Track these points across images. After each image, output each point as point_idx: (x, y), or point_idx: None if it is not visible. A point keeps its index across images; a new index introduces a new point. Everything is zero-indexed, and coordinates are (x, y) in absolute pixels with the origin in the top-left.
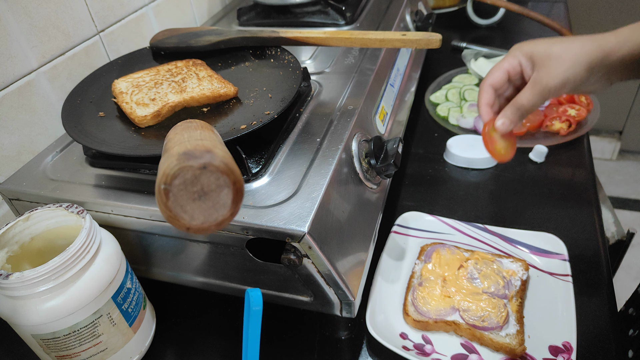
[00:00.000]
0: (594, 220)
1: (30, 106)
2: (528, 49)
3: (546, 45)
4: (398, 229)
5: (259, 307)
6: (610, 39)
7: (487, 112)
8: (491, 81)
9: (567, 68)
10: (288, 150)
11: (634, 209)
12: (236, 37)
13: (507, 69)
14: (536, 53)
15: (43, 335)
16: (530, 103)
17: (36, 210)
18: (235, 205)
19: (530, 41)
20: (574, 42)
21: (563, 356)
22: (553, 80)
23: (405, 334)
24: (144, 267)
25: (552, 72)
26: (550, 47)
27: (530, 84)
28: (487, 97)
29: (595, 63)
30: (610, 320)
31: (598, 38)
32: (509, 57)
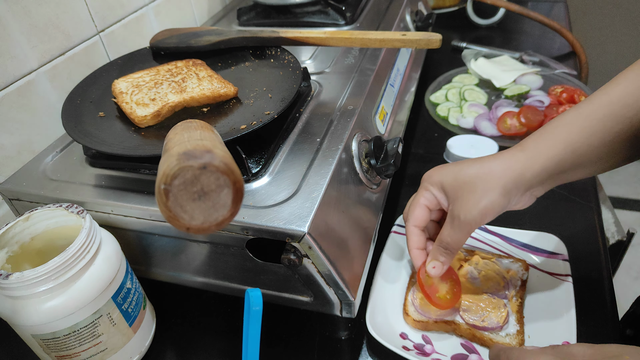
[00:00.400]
0: (594, 220)
1: (30, 106)
2: (437, 180)
3: (453, 173)
4: (398, 229)
5: (259, 307)
6: (518, 157)
7: (419, 256)
8: (413, 222)
9: (480, 197)
10: (288, 150)
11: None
12: (236, 37)
13: (425, 205)
14: (446, 184)
15: (43, 335)
16: (455, 240)
17: (36, 210)
18: (235, 205)
19: (437, 169)
20: (481, 167)
21: None
22: (470, 213)
23: (405, 334)
24: (144, 267)
25: (467, 204)
26: (457, 174)
27: (449, 220)
28: (415, 241)
29: (510, 186)
30: (610, 320)
31: (506, 159)
32: (421, 190)
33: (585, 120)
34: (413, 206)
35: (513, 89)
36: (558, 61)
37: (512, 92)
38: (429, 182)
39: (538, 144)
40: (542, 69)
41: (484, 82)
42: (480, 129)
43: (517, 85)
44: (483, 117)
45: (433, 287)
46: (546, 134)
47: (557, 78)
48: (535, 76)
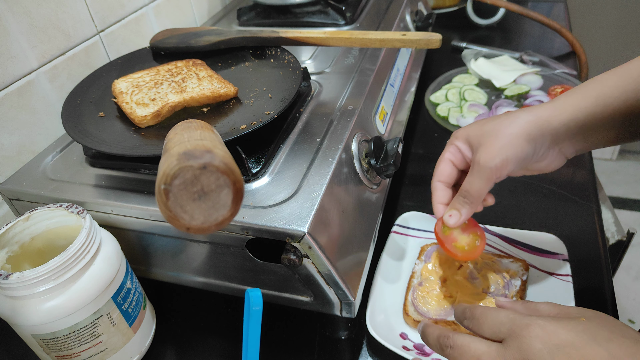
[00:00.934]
0: (594, 220)
1: (30, 106)
2: (463, 133)
3: (479, 125)
4: (398, 229)
5: (259, 307)
6: (546, 106)
7: (441, 210)
8: (438, 177)
9: (505, 144)
10: (288, 150)
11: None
12: (236, 37)
13: (449, 159)
14: (471, 135)
15: (43, 335)
16: (475, 188)
17: (36, 210)
18: (235, 205)
19: (465, 126)
20: (507, 117)
21: None
22: (492, 159)
23: (405, 334)
24: (144, 267)
25: (490, 150)
26: (483, 125)
27: (472, 168)
28: (439, 195)
29: (535, 133)
30: None
31: (533, 108)
32: (448, 146)
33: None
34: (438, 161)
35: (513, 89)
36: (558, 61)
37: (512, 92)
38: (455, 136)
39: (568, 97)
40: (542, 69)
41: (484, 82)
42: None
43: (517, 85)
44: (483, 117)
45: (450, 237)
46: (578, 89)
47: (557, 78)
48: (535, 76)
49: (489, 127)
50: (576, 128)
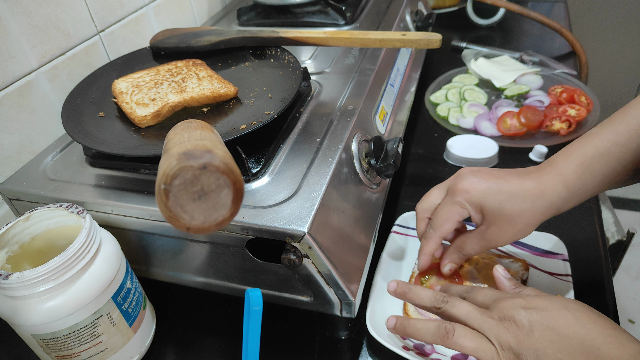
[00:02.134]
0: (594, 220)
1: (30, 106)
2: (478, 201)
3: (496, 202)
4: (398, 229)
5: (259, 307)
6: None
7: (428, 260)
8: (442, 234)
9: (518, 230)
10: (288, 150)
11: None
12: (236, 37)
13: (457, 220)
14: (487, 210)
15: (43, 335)
16: (475, 253)
17: (36, 210)
18: (235, 205)
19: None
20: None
21: None
22: (502, 240)
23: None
24: (144, 267)
25: (503, 233)
26: (502, 207)
27: (479, 238)
28: (434, 248)
29: (545, 219)
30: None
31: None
32: (457, 207)
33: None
34: (445, 220)
35: (513, 89)
36: (558, 61)
37: (512, 92)
38: (467, 200)
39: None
40: (542, 69)
41: (484, 82)
42: (480, 129)
43: (517, 85)
44: (483, 117)
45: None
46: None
47: (557, 78)
48: (535, 76)
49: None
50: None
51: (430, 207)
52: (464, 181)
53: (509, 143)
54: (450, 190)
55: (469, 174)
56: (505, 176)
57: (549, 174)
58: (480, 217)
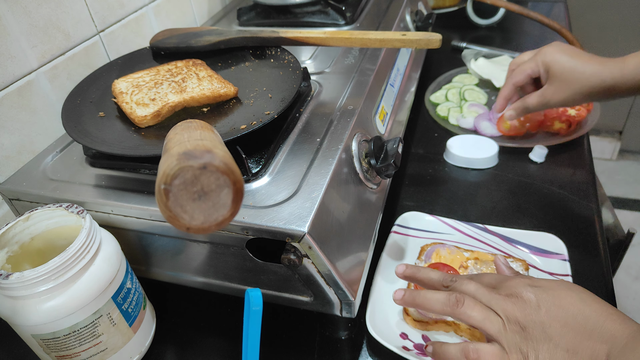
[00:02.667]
0: (594, 220)
1: (30, 106)
2: (548, 61)
3: (562, 64)
4: (398, 229)
5: (259, 307)
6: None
7: (503, 104)
8: (515, 81)
9: (569, 95)
10: (288, 150)
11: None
12: (236, 37)
13: (529, 74)
14: (553, 68)
15: (43, 335)
16: (534, 107)
17: (36, 210)
18: (235, 205)
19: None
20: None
21: None
22: (555, 99)
23: (405, 334)
24: (144, 267)
25: (558, 92)
26: (564, 72)
27: (539, 93)
28: (508, 92)
29: (594, 94)
30: None
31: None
32: (532, 63)
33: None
34: (520, 71)
35: None
36: None
37: None
38: (542, 60)
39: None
40: None
41: (484, 82)
42: (480, 129)
43: None
44: (483, 117)
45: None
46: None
47: None
48: None
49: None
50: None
51: (520, 61)
52: (549, 47)
53: (509, 143)
54: (537, 51)
55: (557, 43)
56: (579, 54)
57: (615, 60)
58: (546, 75)
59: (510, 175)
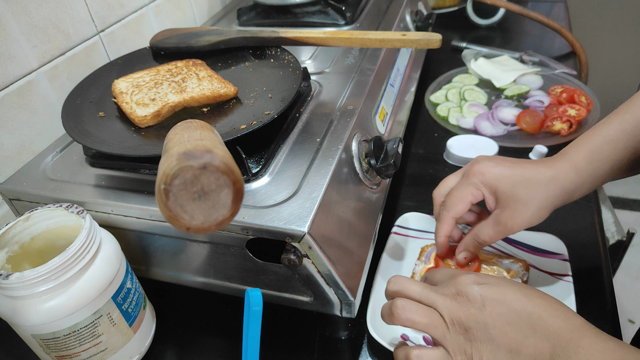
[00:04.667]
0: (594, 220)
1: (30, 106)
2: (492, 183)
3: (510, 185)
4: (398, 229)
5: (259, 307)
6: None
7: (446, 243)
8: (454, 214)
9: (532, 214)
10: (288, 150)
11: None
12: (236, 37)
13: (470, 201)
14: (500, 192)
15: (43, 335)
16: (492, 240)
17: (36, 210)
18: (235, 205)
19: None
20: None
21: None
22: (517, 224)
23: (406, 335)
24: (144, 267)
25: (517, 216)
26: (515, 189)
27: (493, 223)
28: (448, 230)
29: (557, 203)
30: (610, 319)
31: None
32: (471, 187)
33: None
34: (458, 199)
35: (513, 89)
36: (558, 61)
37: (512, 92)
38: (482, 181)
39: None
40: (542, 69)
41: (484, 82)
42: (480, 129)
43: (517, 85)
44: (483, 117)
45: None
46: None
47: (557, 78)
48: (535, 76)
49: (521, 194)
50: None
51: (445, 191)
52: (479, 165)
53: (509, 143)
54: (465, 173)
55: (484, 159)
56: (519, 162)
57: (561, 161)
58: (494, 200)
59: None
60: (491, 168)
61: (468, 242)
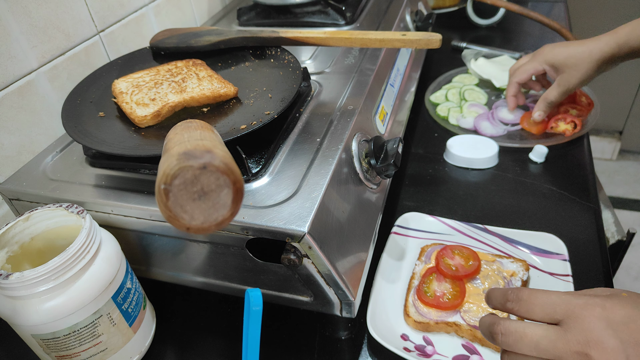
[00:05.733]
0: (594, 220)
1: (30, 106)
2: (550, 59)
3: (564, 55)
4: (398, 229)
5: (259, 307)
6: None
7: (513, 101)
8: (518, 80)
9: (583, 73)
10: (288, 150)
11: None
12: (236, 37)
13: (532, 72)
14: (557, 63)
15: (43, 335)
16: (557, 99)
17: (36, 210)
18: (235, 205)
19: (549, 49)
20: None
21: None
22: (573, 82)
23: (406, 335)
24: (144, 267)
25: (572, 77)
26: (568, 59)
27: (556, 85)
28: (514, 90)
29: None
30: None
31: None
32: (534, 63)
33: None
34: (522, 71)
35: None
36: None
37: None
38: (543, 58)
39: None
40: None
41: (484, 82)
42: (480, 129)
43: None
44: (483, 117)
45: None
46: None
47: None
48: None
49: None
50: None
51: (517, 66)
52: (542, 49)
53: (509, 143)
54: (532, 55)
55: (547, 45)
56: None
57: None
58: (553, 70)
59: (510, 175)
60: (550, 49)
61: (540, 103)
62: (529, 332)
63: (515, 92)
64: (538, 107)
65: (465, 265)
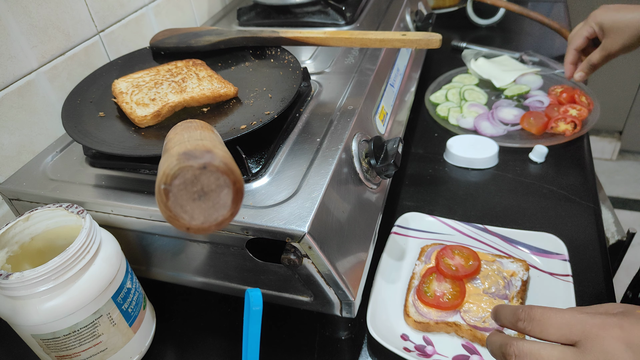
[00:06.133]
0: (594, 220)
1: (30, 106)
2: (600, 21)
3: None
4: (398, 229)
5: (259, 307)
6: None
7: (571, 69)
8: (575, 46)
9: (626, 38)
10: (288, 150)
11: (634, 209)
12: (236, 37)
13: (585, 35)
14: (605, 24)
15: (43, 335)
16: (599, 61)
17: (36, 210)
18: (235, 205)
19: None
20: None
21: None
22: (616, 47)
23: (406, 335)
24: (144, 267)
25: (615, 41)
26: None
27: (600, 48)
28: (572, 58)
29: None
30: None
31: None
32: (586, 25)
33: None
34: (578, 36)
35: (513, 89)
36: (558, 61)
37: (512, 92)
38: (594, 21)
39: None
40: (542, 69)
41: (484, 82)
42: (480, 129)
43: (517, 85)
44: (483, 117)
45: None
46: None
47: (557, 78)
48: (535, 76)
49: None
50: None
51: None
52: (595, 11)
53: (509, 143)
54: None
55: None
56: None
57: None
58: (601, 31)
59: (510, 175)
60: (603, 11)
61: (583, 64)
62: (545, 354)
63: (573, 60)
64: (581, 68)
65: (465, 265)
